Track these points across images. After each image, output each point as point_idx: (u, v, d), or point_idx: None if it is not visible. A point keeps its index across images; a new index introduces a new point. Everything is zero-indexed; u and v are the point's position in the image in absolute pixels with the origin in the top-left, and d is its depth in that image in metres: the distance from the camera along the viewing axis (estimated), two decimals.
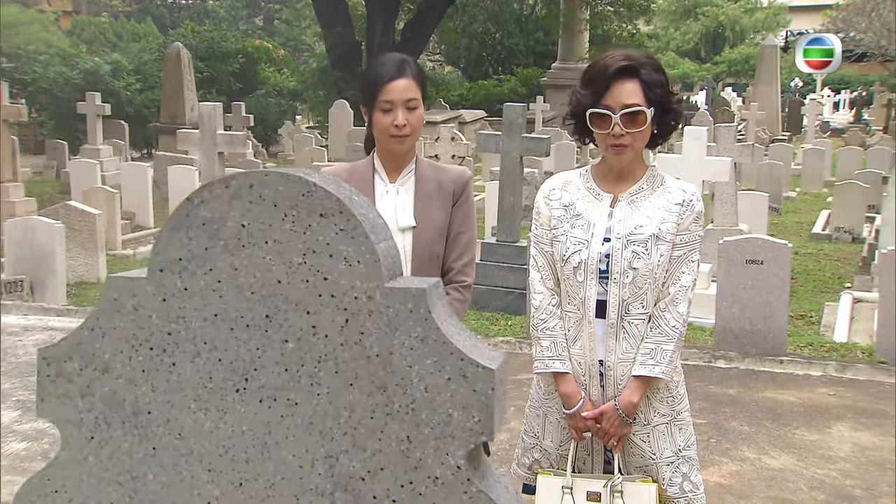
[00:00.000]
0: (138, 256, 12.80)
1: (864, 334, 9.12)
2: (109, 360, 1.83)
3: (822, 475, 5.60)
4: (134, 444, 1.84)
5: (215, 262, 1.79)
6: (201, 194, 1.79)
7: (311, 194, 1.75)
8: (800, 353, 8.10)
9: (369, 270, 1.74)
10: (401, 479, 1.76)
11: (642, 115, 2.98)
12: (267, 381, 1.79)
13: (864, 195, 14.84)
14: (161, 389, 1.83)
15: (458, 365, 1.72)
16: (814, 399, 6.94)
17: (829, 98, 41.82)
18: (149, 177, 15.13)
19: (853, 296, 10.34)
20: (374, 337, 1.75)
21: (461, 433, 1.73)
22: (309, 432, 1.79)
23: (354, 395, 1.77)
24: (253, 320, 1.79)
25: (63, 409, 1.85)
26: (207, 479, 1.83)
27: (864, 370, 7.54)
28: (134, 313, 1.82)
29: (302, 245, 1.76)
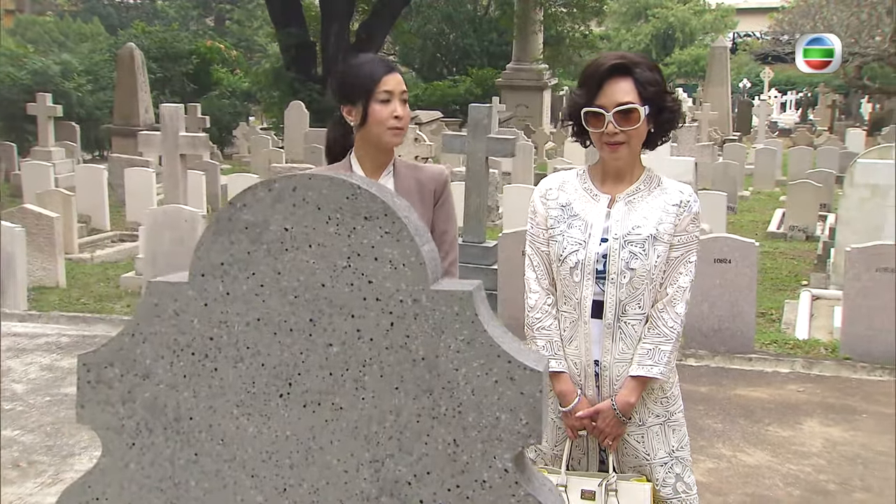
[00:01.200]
0: (96, 260, 12.66)
1: (824, 331, 9.24)
2: (150, 366, 1.82)
3: (796, 471, 5.67)
4: (176, 450, 1.83)
5: (258, 266, 1.78)
6: (243, 198, 1.78)
7: (355, 197, 1.74)
8: (766, 351, 8.19)
9: (415, 273, 1.73)
10: (447, 483, 1.76)
11: (636, 112, 2.98)
12: (311, 385, 1.79)
13: (816, 194, 15.04)
14: (203, 395, 1.81)
15: (505, 367, 1.72)
16: (784, 396, 7.03)
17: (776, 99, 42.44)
18: (104, 179, 14.95)
19: (812, 293, 10.46)
20: (419, 340, 1.74)
21: (509, 436, 1.73)
22: (354, 436, 1.78)
23: (400, 399, 1.76)
24: (297, 324, 1.78)
25: (104, 416, 1.84)
26: (251, 484, 1.82)
27: (830, 366, 7.65)
28: (175, 318, 1.81)
29: (346, 248, 1.75)
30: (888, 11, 30.34)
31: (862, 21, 31.39)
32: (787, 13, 35.64)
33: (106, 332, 8.44)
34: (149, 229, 8.93)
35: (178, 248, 8.77)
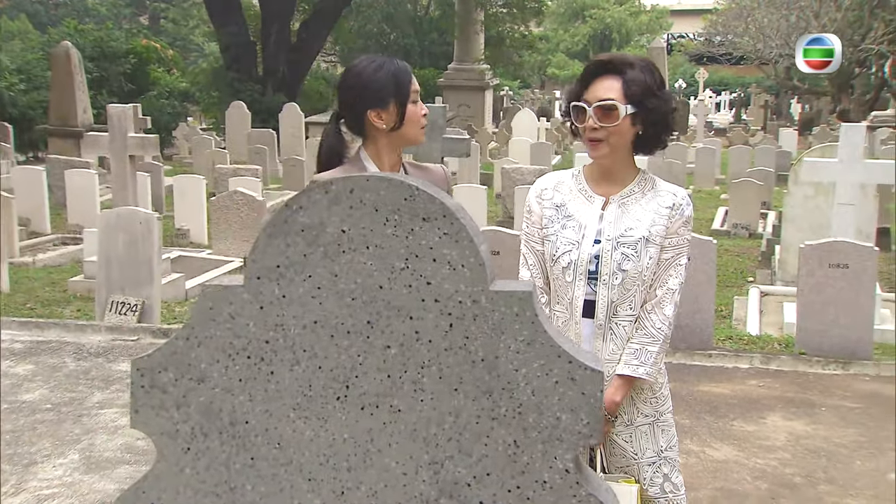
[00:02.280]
0: (38, 264, 12.42)
1: (774, 327, 9.39)
2: (205, 370, 1.80)
3: (763, 465, 5.76)
4: (231, 454, 1.82)
5: (314, 269, 1.78)
6: (299, 200, 1.78)
7: (413, 198, 1.75)
8: (725, 347, 8.31)
9: (474, 274, 1.74)
10: (507, 484, 1.77)
11: (616, 110, 2.99)
12: (369, 387, 1.79)
13: (758, 192, 15.29)
14: (259, 398, 1.80)
15: (566, 368, 1.73)
16: (746, 391, 7.14)
17: (710, 99, 43.08)
18: (44, 181, 14.67)
19: (761, 290, 10.63)
20: (479, 341, 1.75)
21: (569, 436, 1.74)
22: (413, 439, 1.79)
23: (459, 401, 1.77)
24: (354, 327, 1.78)
25: (158, 421, 1.82)
26: (308, 488, 1.81)
27: (788, 361, 7.79)
28: (230, 322, 1.79)
29: (404, 250, 1.75)
30: (815, 15, 30.92)
31: (791, 23, 31.95)
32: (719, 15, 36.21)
33: (59, 336, 8.32)
34: (101, 232, 8.80)
35: (133, 250, 8.65)
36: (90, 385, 7.04)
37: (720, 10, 38.21)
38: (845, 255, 7.85)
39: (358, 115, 3.33)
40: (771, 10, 32.80)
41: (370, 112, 3.31)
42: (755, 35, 34.01)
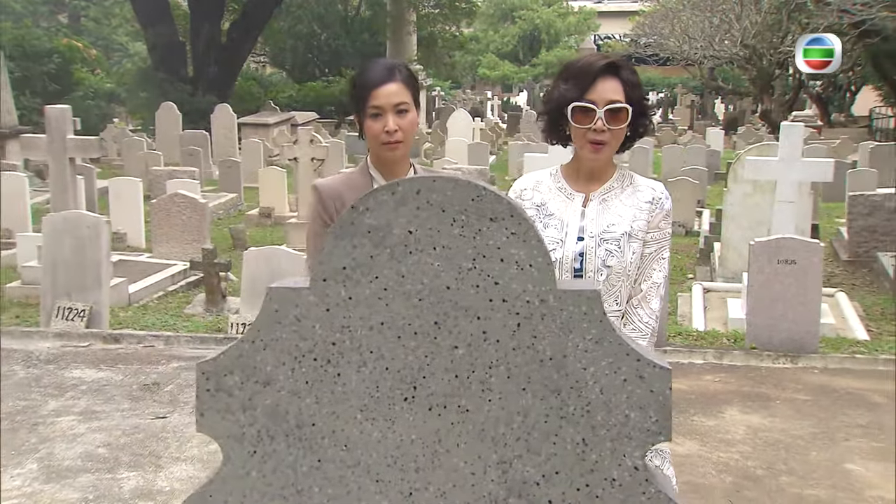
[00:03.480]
0: None
1: (719, 322, 9.55)
2: (271, 373, 1.79)
3: (725, 458, 5.87)
4: (298, 457, 1.81)
5: (381, 270, 1.78)
6: (366, 201, 1.78)
7: (480, 199, 1.76)
8: (677, 343, 8.43)
9: (542, 274, 1.76)
10: (576, 483, 1.79)
11: (624, 112, 3.01)
12: (436, 388, 1.79)
13: (693, 191, 15.52)
14: (326, 401, 1.80)
15: (634, 366, 1.76)
16: (702, 386, 7.26)
17: None
18: None
19: (703, 286, 10.80)
20: (547, 340, 1.77)
21: (638, 434, 1.77)
22: (481, 439, 1.80)
23: (527, 400, 1.78)
24: (421, 327, 1.78)
25: (224, 424, 1.81)
26: (375, 489, 1.81)
27: (740, 356, 7.94)
28: (296, 324, 1.79)
29: (472, 250, 1.76)
30: (737, 17, 31.52)
31: (714, 25, 32.54)
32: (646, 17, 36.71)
33: (6, 344, 8.15)
34: (47, 236, 8.63)
35: (80, 255, 8.51)
36: (43, 393, 6.92)
37: (646, 12, 38.76)
38: (793, 252, 8.01)
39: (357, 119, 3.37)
40: (695, 12, 33.40)
41: (356, 115, 3.32)
42: (680, 37, 34.60)
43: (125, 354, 7.80)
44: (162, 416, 6.38)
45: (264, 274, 8.22)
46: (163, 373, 7.32)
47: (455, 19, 31.05)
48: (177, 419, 6.33)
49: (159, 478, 5.45)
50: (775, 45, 30.58)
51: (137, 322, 8.95)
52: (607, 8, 59.02)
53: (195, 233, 11.81)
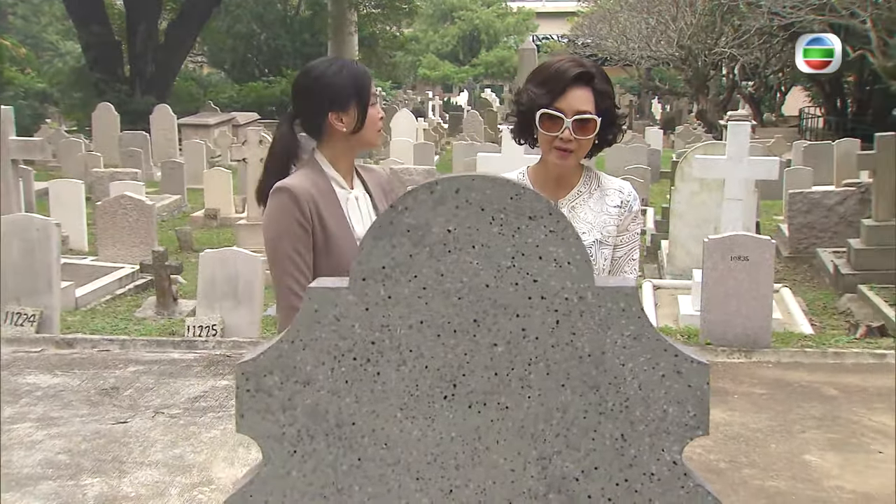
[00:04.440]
0: None
1: (669, 319, 9.68)
2: (311, 373, 1.80)
3: (689, 452, 5.84)
4: (338, 456, 1.81)
5: (420, 269, 1.79)
6: (405, 201, 1.78)
7: (519, 197, 1.77)
8: None
9: (580, 271, 1.78)
10: (615, 478, 1.81)
11: (592, 123, 3.01)
12: (476, 385, 1.80)
13: (638, 189, 15.62)
14: (365, 399, 1.81)
15: (672, 361, 1.78)
16: None
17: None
18: None
19: (653, 283, 10.93)
20: (585, 337, 1.79)
21: (676, 428, 1.80)
22: (520, 435, 1.81)
23: (566, 396, 1.80)
24: (460, 325, 1.80)
25: (264, 424, 1.80)
26: (416, 487, 1.82)
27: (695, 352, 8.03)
28: (336, 324, 1.79)
29: (511, 248, 1.78)
30: (673, 18, 31.93)
31: (651, 27, 32.93)
32: (584, 18, 37.05)
33: None
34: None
35: (29, 259, 8.37)
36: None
37: (584, 13, 39.12)
38: (745, 249, 8.15)
39: (318, 116, 3.29)
40: (633, 13, 33.77)
41: (331, 114, 3.28)
42: (618, 38, 34.98)
43: (80, 359, 7.69)
44: (123, 421, 6.31)
45: (220, 276, 8.16)
46: (121, 377, 7.23)
47: (396, 19, 31.03)
48: (139, 424, 6.26)
49: (124, 483, 5.39)
50: (710, 47, 31.04)
51: (86, 326, 8.84)
52: (546, 9, 59.47)
53: (142, 235, 11.68)
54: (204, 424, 6.24)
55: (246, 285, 8.18)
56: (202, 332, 8.07)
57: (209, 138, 22.44)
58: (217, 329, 8.05)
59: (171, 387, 6.98)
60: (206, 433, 6.10)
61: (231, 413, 6.45)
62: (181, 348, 7.92)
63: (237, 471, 5.52)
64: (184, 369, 7.41)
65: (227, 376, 7.25)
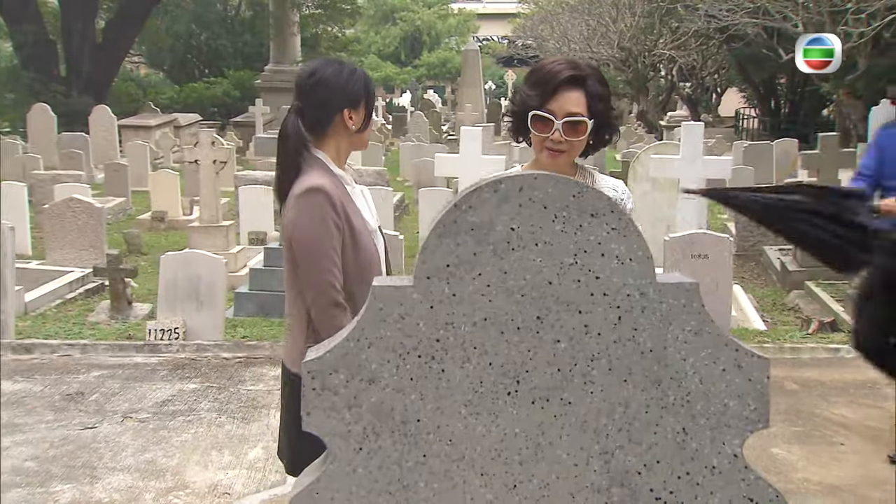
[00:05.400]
0: None
1: None
2: (376, 371, 1.80)
3: None
4: (404, 452, 1.82)
5: (484, 267, 1.80)
6: (469, 200, 1.80)
7: (581, 195, 1.80)
8: None
9: (641, 267, 1.81)
10: (677, 471, 1.84)
11: (583, 125, 3.03)
12: (539, 382, 1.82)
13: None
14: (430, 396, 1.82)
15: (732, 356, 1.82)
16: None
17: None
18: None
19: None
20: (647, 332, 1.82)
21: (737, 422, 1.83)
22: (583, 430, 1.83)
23: (628, 391, 1.83)
24: (524, 322, 1.82)
25: (330, 422, 1.81)
26: (480, 483, 1.83)
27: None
28: (400, 322, 1.80)
29: (573, 245, 1.80)
30: (613, 20, 32.25)
31: (592, 28, 33.22)
32: (525, 19, 37.26)
33: None
34: None
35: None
36: None
37: (526, 14, 39.32)
38: (705, 246, 8.27)
39: (332, 112, 3.31)
40: (574, 15, 34.02)
41: (346, 111, 3.30)
42: (559, 39, 35.21)
43: (40, 365, 7.57)
44: (91, 427, 6.22)
45: (182, 278, 8.08)
46: (85, 382, 7.13)
47: (338, 20, 30.92)
48: (107, 428, 6.18)
49: (96, 489, 5.32)
50: (649, 48, 31.38)
51: (38, 332, 8.69)
52: (487, 10, 59.69)
53: (91, 238, 11.50)
54: (174, 428, 6.18)
55: (208, 287, 8.11)
56: (164, 335, 7.98)
57: (150, 140, 22.15)
58: (179, 332, 7.97)
59: (137, 391, 6.90)
60: (176, 437, 6.04)
61: (201, 416, 6.40)
62: (144, 352, 7.82)
63: (212, 474, 5.48)
64: (149, 373, 7.32)
65: (195, 379, 7.18)
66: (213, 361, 7.63)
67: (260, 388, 6.98)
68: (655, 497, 1.83)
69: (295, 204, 3.15)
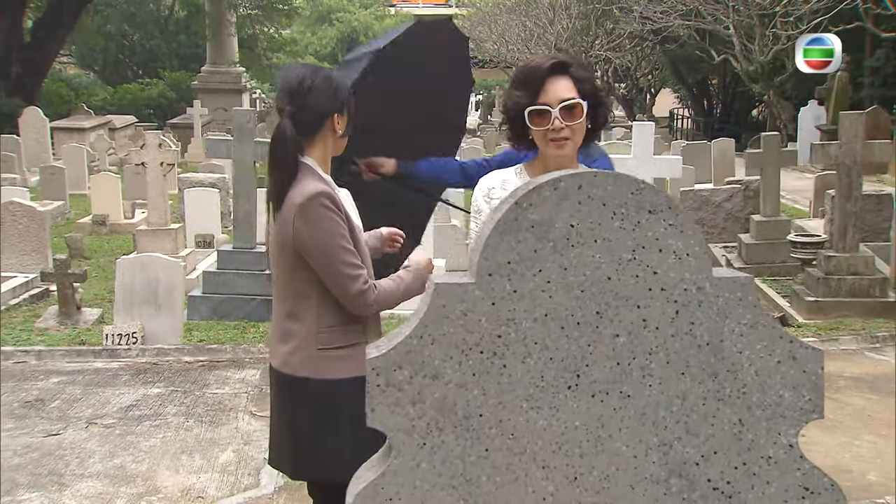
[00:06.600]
0: None
1: None
2: (439, 367, 1.82)
3: None
4: (466, 447, 1.84)
5: (545, 263, 1.82)
6: (529, 197, 1.82)
7: (639, 192, 1.83)
8: None
9: (698, 262, 1.84)
10: (734, 462, 1.88)
11: (579, 107, 3.08)
12: (599, 376, 1.85)
13: None
14: (492, 392, 1.84)
15: (787, 348, 1.86)
16: None
17: None
18: None
19: None
20: (704, 326, 1.85)
21: (792, 413, 1.87)
22: (642, 423, 1.86)
23: (686, 384, 1.86)
24: (583, 317, 1.84)
25: (394, 418, 1.82)
26: (542, 476, 1.86)
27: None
28: (463, 318, 1.82)
29: (631, 241, 1.83)
30: (550, 22, 32.51)
31: (529, 29, 33.47)
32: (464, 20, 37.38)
33: None
34: None
35: None
36: None
37: (464, 15, 39.46)
38: None
39: (323, 117, 3.31)
40: (511, 16, 34.23)
41: (336, 116, 3.31)
42: (498, 40, 35.38)
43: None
44: (55, 434, 6.13)
45: (140, 282, 7.99)
46: (44, 388, 7.02)
47: (275, 21, 30.72)
48: (72, 435, 6.10)
49: (65, 497, 5.25)
50: (585, 49, 31.69)
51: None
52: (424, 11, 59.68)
53: (33, 243, 11.30)
54: (141, 433, 6.11)
55: (166, 291, 8.03)
56: (121, 339, 7.88)
57: (85, 142, 21.80)
58: (137, 337, 7.87)
59: (100, 397, 6.80)
60: (145, 442, 5.97)
61: (168, 421, 6.34)
62: (103, 357, 7.72)
63: (183, 478, 5.43)
64: (110, 378, 7.23)
65: (158, 384, 7.10)
66: (175, 366, 7.55)
67: (226, 392, 6.92)
68: (713, 487, 1.86)
69: (300, 212, 3.13)
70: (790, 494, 1.87)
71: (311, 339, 3.22)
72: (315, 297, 3.25)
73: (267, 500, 5.18)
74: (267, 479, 5.38)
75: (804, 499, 1.87)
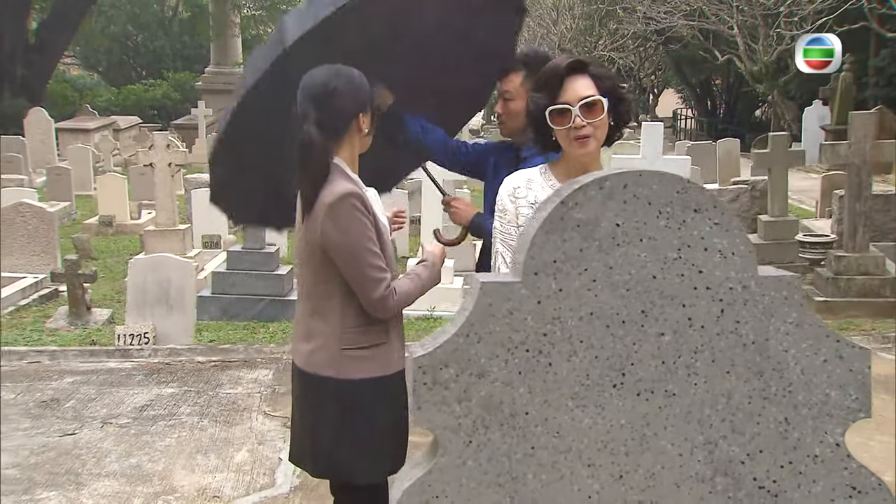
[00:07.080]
0: None
1: None
2: (485, 365, 1.82)
3: None
4: (512, 445, 1.84)
5: (590, 262, 1.83)
6: (575, 197, 1.82)
7: (685, 191, 1.83)
8: None
9: (743, 261, 1.84)
10: (780, 460, 1.88)
11: (599, 103, 3.09)
12: (644, 374, 1.85)
13: None
14: (538, 390, 1.84)
15: (833, 346, 1.86)
16: None
17: None
18: None
19: None
20: (749, 325, 1.85)
21: (839, 411, 1.87)
22: (687, 421, 1.86)
23: (731, 382, 1.86)
24: (629, 316, 1.84)
25: (440, 416, 1.82)
26: (587, 474, 1.86)
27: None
28: (509, 317, 1.82)
29: (677, 240, 1.83)
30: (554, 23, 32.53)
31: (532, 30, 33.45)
32: None
33: None
34: None
35: None
36: None
37: None
38: None
39: (349, 118, 3.30)
40: None
41: (361, 115, 3.30)
42: None
43: (10, 372, 7.42)
44: (71, 433, 6.12)
45: (152, 283, 7.99)
46: (59, 388, 7.01)
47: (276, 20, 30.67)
48: (88, 434, 6.09)
49: (83, 496, 5.24)
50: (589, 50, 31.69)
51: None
52: None
53: (42, 244, 11.30)
54: (157, 433, 6.10)
55: (178, 291, 8.02)
56: (133, 340, 7.88)
57: (89, 143, 21.76)
58: (149, 337, 7.87)
59: (114, 396, 6.80)
60: (160, 442, 5.96)
61: (182, 421, 6.34)
62: (116, 357, 7.71)
63: (199, 478, 5.43)
64: (124, 378, 7.22)
65: (172, 384, 7.10)
66: (187, 366, 7.54)
67: (239, 392, 6.91)
68: (759, 486, 1.86)
69: (328, 212, 3.13)
70: (837, 493, 1.86)
71: (334, 339, 3.22)
72: (339, 297, 3.24)
73: (283, 499, 5.17)
74: (283, 478, 5.37)
75: (851, 498, 1.86)
